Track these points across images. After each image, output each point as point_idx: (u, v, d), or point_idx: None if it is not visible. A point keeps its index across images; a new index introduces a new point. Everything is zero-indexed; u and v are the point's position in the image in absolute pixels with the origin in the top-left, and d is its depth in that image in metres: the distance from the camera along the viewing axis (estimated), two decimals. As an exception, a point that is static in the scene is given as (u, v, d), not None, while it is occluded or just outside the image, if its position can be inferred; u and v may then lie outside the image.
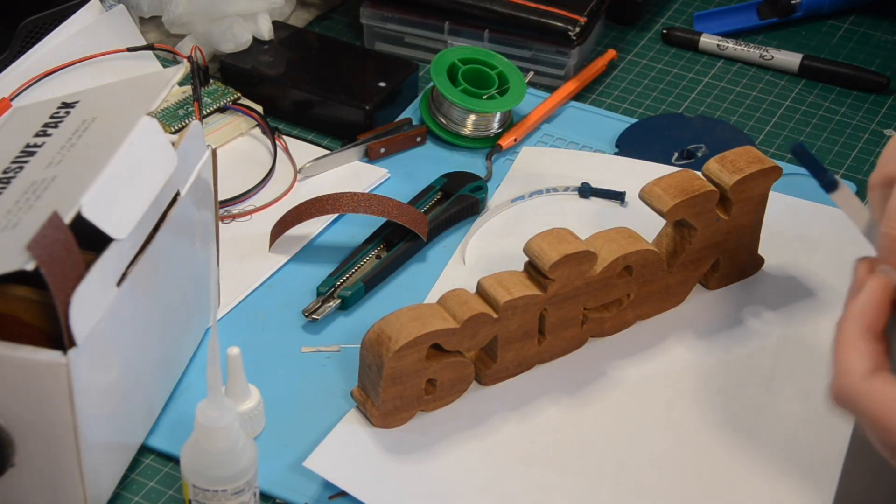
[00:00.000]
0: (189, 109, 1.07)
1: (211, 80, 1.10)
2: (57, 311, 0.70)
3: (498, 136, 1.08)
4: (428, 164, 1.07)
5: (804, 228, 1.00)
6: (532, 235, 0.86)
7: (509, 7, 1.14)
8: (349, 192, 0.97)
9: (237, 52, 1.12)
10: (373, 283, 0.95)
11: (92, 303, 0.72)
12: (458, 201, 1.00)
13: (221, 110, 1.08)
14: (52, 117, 0.85)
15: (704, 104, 1.14)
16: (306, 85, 1.10)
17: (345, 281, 0.95)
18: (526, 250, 0.86)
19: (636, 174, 1.02)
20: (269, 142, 1.07)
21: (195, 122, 0.85)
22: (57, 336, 0.71)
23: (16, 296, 0.74)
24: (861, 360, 0.64)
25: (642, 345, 0.91)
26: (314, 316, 0.92)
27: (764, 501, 0.81)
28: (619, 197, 1.02)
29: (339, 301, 0.93)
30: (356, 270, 0.95)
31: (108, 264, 0.74)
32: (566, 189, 1.03)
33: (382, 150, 1.07)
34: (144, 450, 0.85)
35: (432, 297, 0.94)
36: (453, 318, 0.83)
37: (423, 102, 1.10)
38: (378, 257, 0.97)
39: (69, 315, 0.70)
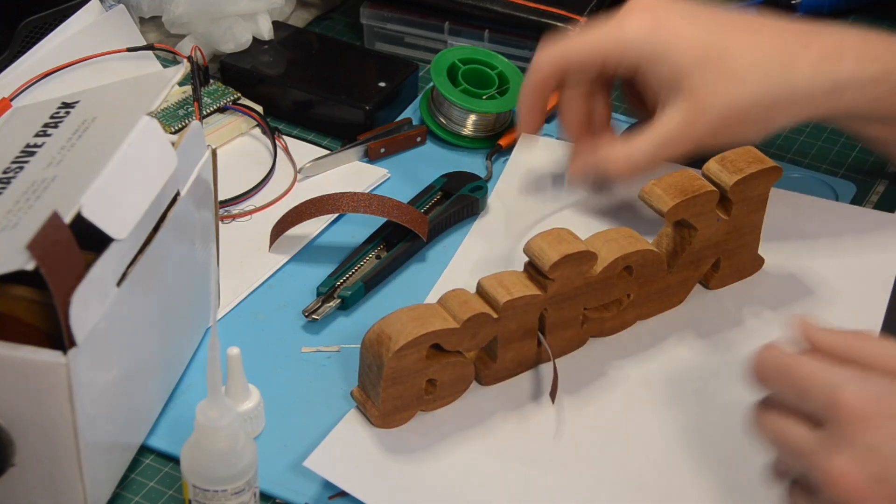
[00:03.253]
0: (189, 109, 1.07)
1: (211, 80, 1.10)
2: (57, 311, 0.70)
3: (498, 136, 1.08)
4: (428, 164, 1.07)
5: (804, 228, 1.00)
6: (532, 235, 0.86)
7: (509, 7, 1.14)
8: (349, 192, 0.97)
9: (237, 52, 1.12)
10: (373, 283, 0.95)
11: (92, 303, 0.72)
12: (458, 201, 1.00)
13: (221, 110, 1.08)
14: (52, 117, 0.85)
15: (704, 104, 1.14)
16: (306, 85, 1.11)
17: (345, 281, 0.95)
18: (526, 250, 0.86)
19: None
20: (269, 142, 1.07)
21: (195, 122, 0.85)
22: (57, 336, 0.71)
23: (16, 296, 0.74)
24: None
25: (642, 345, 0.91)
26: (314, 316, 0.92)
27: (764, 500, 0.81)
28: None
29: (339, 301, 0.93)
30: (356, 270, 0.95)
31: (108, 264, 0.74)
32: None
33: (382, 150, 1.07)
34: (144, 450, 0.85)
35: (432, 297, 0.94)
36: (453, 318, 0.83)
37: (423, 102, 1.10)
38: (378, 257, 0.97)
39: (69, 315, 0.70)
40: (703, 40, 0.91)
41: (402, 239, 0.97)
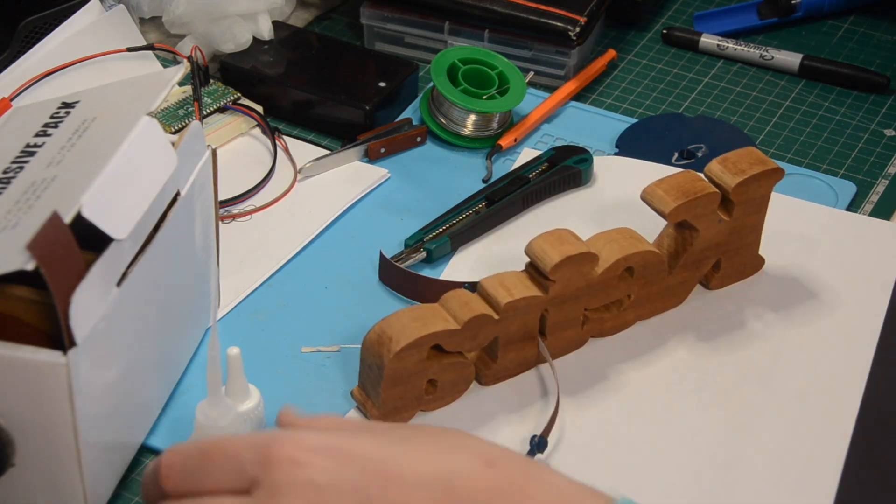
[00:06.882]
0: (189, 109, 1.07)
1: (211, 80, 1.10)
2: (57, 311, 0.70)
3: (498, 136, 1.08)
4: (428, 164, 1.07)
5: (805, 229, 1.00)
6: (534, 236, 0.86)
7: (509, 7, 1.14)
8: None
9: (237, 52, 1.12)
10: (460, 239, 0.97)
11: (92, 303, 0.72)
12: (560, 171, 1.02)
13: (221, 110, 1.08)
14: (52, 117, 0.85)
15: (704, 104, 1.14)
16: (306, 85, 1.10)
17: (434, 236, 0.97)
18: (527, 251, 0.86)
19: (637, 173, 1.01)
20: (269, 142, 1.07)
21: (195, 122, 0.85)
22: (57, 336, 0.71)
23: (16, 296, 0.74)
24: None
25: (642, 345, 0.91)
26: (399, 264, 0.94)
27: (764, 502, 0.81)
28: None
29: (424, 254, 0.96)
30: (452, 225, 0.98)
31: (108, 264, 0.73)
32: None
33: (382, 150, 1.07)
34: (144, 450, 0.85)
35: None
36: (454, 319, 0.83)
37: (423, 102, 1.10)
38: (477, 213, 0.99)
39: (69, 315, 0.70)
40: None
41: (504, 196, 0.99)
